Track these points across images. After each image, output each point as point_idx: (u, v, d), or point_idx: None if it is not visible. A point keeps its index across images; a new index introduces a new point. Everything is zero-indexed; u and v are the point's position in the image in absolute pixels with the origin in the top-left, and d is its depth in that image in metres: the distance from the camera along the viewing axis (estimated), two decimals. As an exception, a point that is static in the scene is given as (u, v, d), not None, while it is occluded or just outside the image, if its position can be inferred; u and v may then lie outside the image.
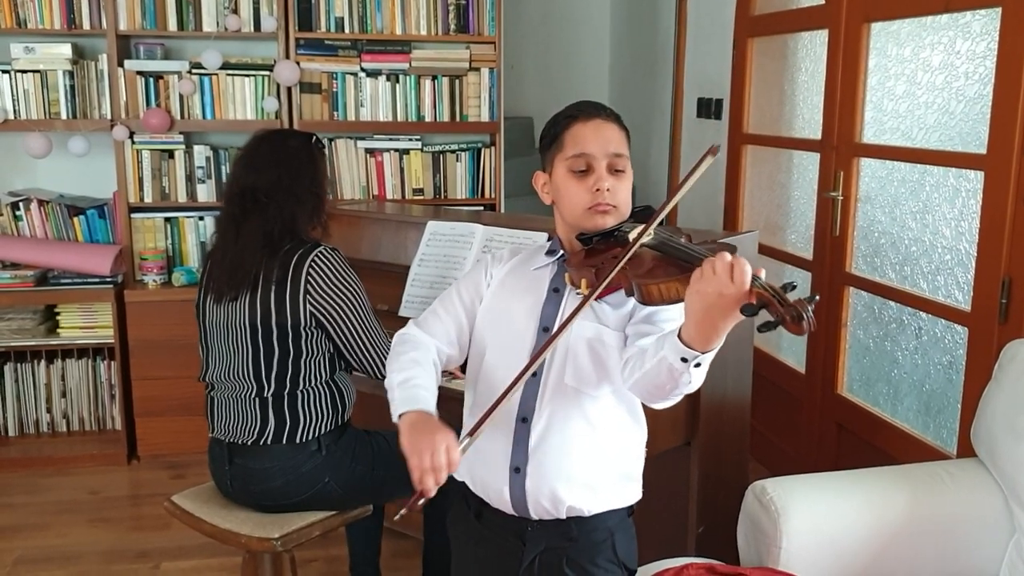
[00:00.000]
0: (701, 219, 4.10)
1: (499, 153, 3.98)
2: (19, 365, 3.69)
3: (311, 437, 2.14)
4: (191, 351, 2.42)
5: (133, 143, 3.69)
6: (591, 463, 1.56)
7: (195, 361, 2.30)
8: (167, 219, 3.79)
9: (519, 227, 2.56)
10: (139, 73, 3.64)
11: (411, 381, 1.53)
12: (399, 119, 3.88)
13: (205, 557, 2.87)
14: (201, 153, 3.76)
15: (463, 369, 1.72)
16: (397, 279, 2.67)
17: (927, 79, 2.66)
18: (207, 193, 3.78)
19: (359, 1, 3.77)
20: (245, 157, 2.23)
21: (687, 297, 1.27)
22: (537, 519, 1.57)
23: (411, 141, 3.93)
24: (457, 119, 3.92)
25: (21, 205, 3.69)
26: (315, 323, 2.13)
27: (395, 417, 1.49)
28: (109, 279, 3.59)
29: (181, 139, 3.74)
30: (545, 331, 1.55)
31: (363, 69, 3.83)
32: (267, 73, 3.73)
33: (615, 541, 1.59)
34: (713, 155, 1.39)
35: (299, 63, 3.74)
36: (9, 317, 3.63)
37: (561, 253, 1.60)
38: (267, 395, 2.12)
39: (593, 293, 1.40)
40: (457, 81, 3.89)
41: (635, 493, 1.63)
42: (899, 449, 2.70)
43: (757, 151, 3.71)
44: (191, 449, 3.51)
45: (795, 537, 1.87)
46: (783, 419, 3.39)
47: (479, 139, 4.04)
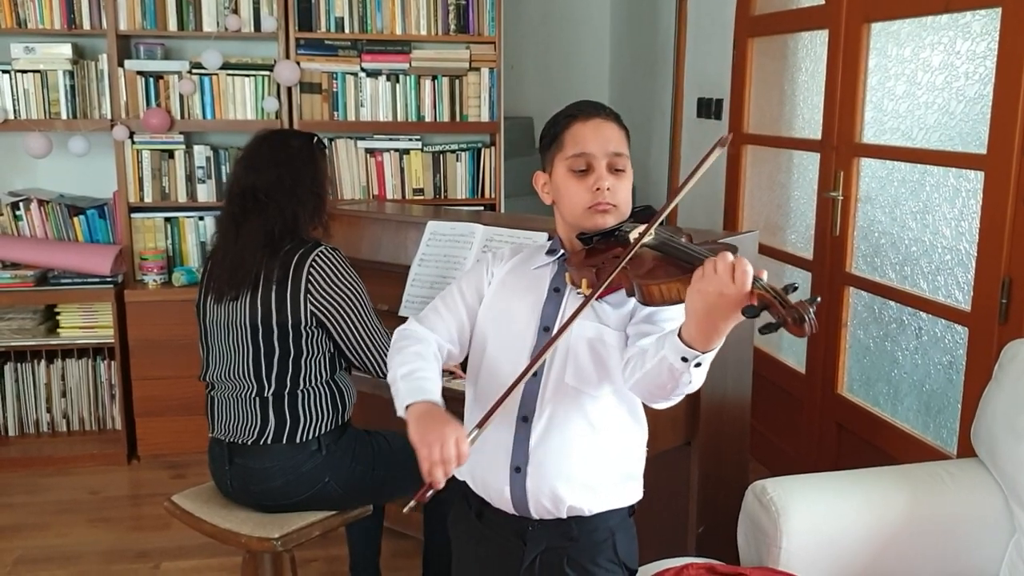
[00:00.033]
0: (701, 219, 4.10)
1: (499, 153, 3.98)
2: (19, 365, 3.69)
3: (311, 437, 2.14)
4: (191, 351, 2.42)
5: (133, 143, 3.69)
6: (592, 463, 1.55)
7: (195, 361, 2.31)
8: (167, 219, 3.79)
9: (519, 227, 2.56)
10: (139, 73, 3.64)
11: (416, 373, 1.52)
12: (399, 119, 3.88)
13: (205, 557, 2.87)
14: (201, 153, 3.76)
15: (464, 367, 1.72)
16: (397, 279, 2.67)
17: (927, 79, 2.66)
18: (207, 193, 3.78)
19: (359, 1, 3.77)
20: (246, 157, 2.23)
21: (688, 297, 1.27)
22: (538, 519, 1.57)
23: (411, 141, 3.93)
24: (457, 119, 3.92)
25: (21, 205, 3.69)
26: (316, 322, 2.13)
27: (401, 409, 1.48)
28: (109, 279, 3.59)
29: (181, 139, 3.74)
30: (546, 331, 1.55)
31: (363, 69, 3.83)
32: (267, 73, 3.73)
33: (616, 541, 1.59)
34: (723, 146, 1.39)
35: (299, 63, 3.74)
36: (9, 317, 3.63)
37: (562, 252, 1.60)
38: (267, 395, 2.12)
39: (594, 293, 1.40)
40: (457, 81, 3.89)
41: (636, 493, 1.63)
42: (899, 449, 2.70)
43: (757, 151, 3.71)
44: (191, 449, 3.52)
45: (795, 537, 1.87)
46: (783, 419, 3.39)
47: (479, 139, 4.04)
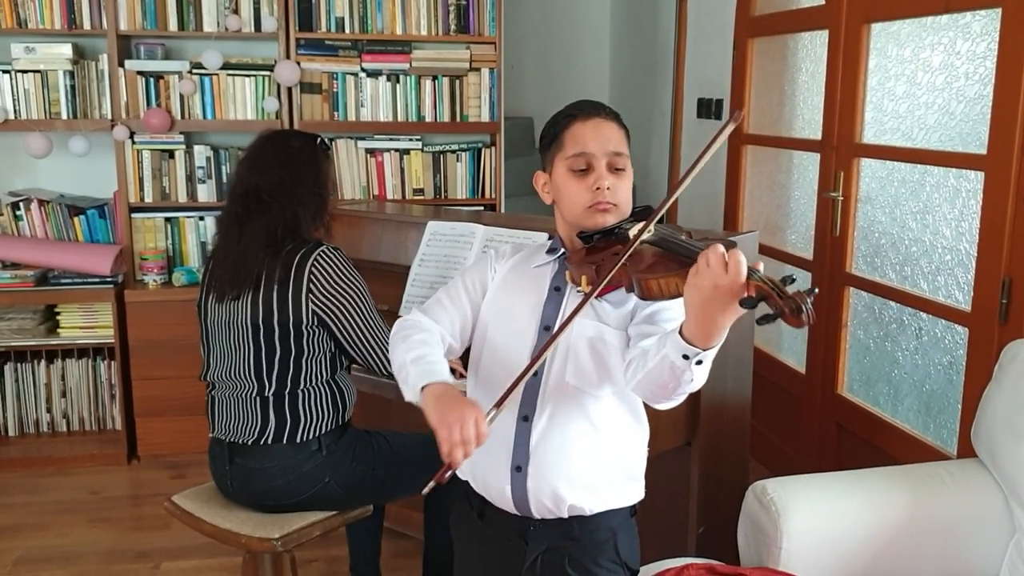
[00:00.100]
0: (701, 219, 4.11)
1: (499, 153, 3.98)
2: (19, 365, 3.69)
3: (311, 437, 2.14)
4: (191, 351, 2.42)
5: (133, 143, 3.69)
6: (593, 463, 1.55)
7: (195, 361, 2.30)
8: (167, 219, 3.79)
9: (519, 227, 2.56)
10: (139, 73, 3.64)
11: (426, 357, 1.51)
12: (399, 119, 3.88)
13: (205, 557, 2.87)
14: (201, 153, 3.76)
15: (464, 363, 1.71)
16: (397, 279, 2.67)
17: (927, 79, 2.66)
18: (207, 193, 3.78)
19: (359, 1, 3.77)
20: (249, 158, 2.23)
21: (686, 293, 1.27)
22: (539, 518, 1.57)
23: (411, 141, 3.93)
24: (457, 119, 3.92)
25: (21, 205, 3.69)
26: (317, 321, 2.13)
27: (414, 391, 1.46)
28: (109, 279, 3.59)
29: (181, 139, 3.74)
30: (546, 330, 1.55)
31: (363, 69, 3.83)
32: (267, 73, 3.73)
33: (617, 541, 1.59)
34: (736, 121, 1.39)
35: (299, 63, 3.74)
36: (9, 317, 3.63)
37: (562, 252, 1.60)
38: (268, 394, 2.12)
39: (595, 290, 1.40)
40: (457, 81, 3.89)
41: (637, 493, 1.63)
42: (899, 449, 2.70)
43: (757, 151, 3.71)
44: (191, 449, 3.52)
45: (795, 537, 1.87)
46: (783, 419, 3.39)
47: (479, 139, 4.04)
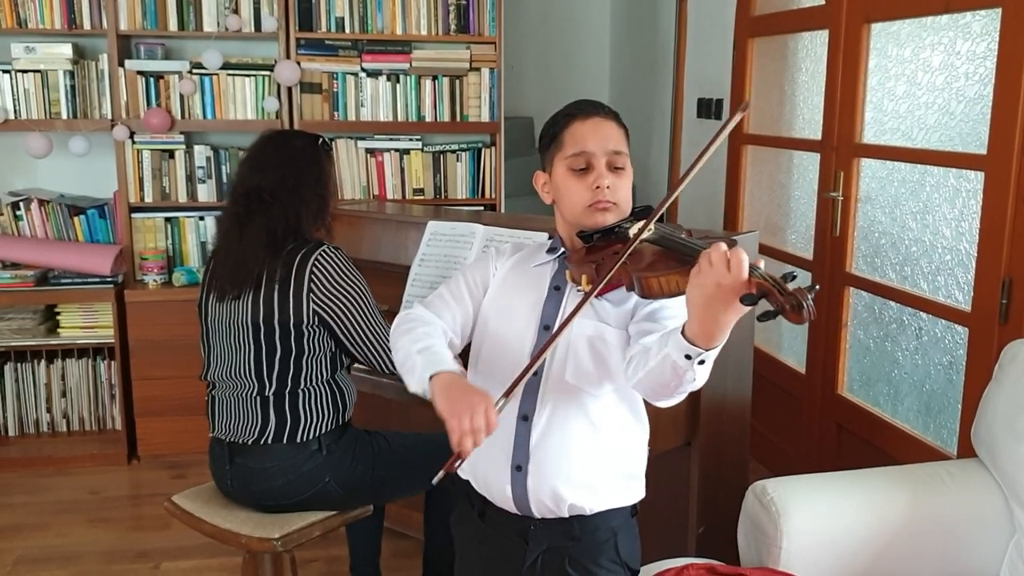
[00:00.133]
0: (701, 219, 4.11)
1: (499, 153, 3.98)
2: (19, 365, 3.69)
3: (312, 436, 2.14)
4: (191, 351, 2.42)
5: (133, 143, 3.69)
6: (592, 462, 1.56)
7: (196, 361, 2.30)
8: (167, 219, 3.79)
9: (519, 227, 2.56)
10: (139, 73, 3.64)
11: (432, 348, 1.51)
12: (399, 119, 3.88)
13: (205, 557, 2.87)
14: (201, 153, 3.76)
15: (463, 361, 1.71)
16: (397, 279, 2.67)
17: (927, 79, 2.66)
18: (207, 193, 3.78)
19: (360, 1, 3.77)
20: (251, 158, 2.23)
21: (688, 292, 1.27)
22: (540, 518, 1.57)
23: (411, 141, 3.93)
24: (457, 119, 3.92)
25: (21, 205, 3.69)
26: (318, 321, 2.13)
27: (422, 381, 1.45)
28: (109, 279, 3.59)
29: (181, 139, 3.74)
30: (546, 329, 1.55)
31: (363, 69, 3.83)
32: (267, 73, 3.73)
33: (618, 541, 1.59)
34: (743, 111, 1.40)
35: (299, 63, 3.74)
36: (9, 317, 3.63)
37: (562, 251, 1.60)
38: (268, 394, 2.12)
39: (595, 289, 1.40)
40: (457, 81, 3.89)
41: (638, 492, 1.63)
42: (899, 449, 2.70)
43: (757, 151, 3.71)
44: (191, 449, 3.52)
45: (795, 537, 1.87)
46: (783, 419, 3.39)
47: (479, 139, 4.04)
